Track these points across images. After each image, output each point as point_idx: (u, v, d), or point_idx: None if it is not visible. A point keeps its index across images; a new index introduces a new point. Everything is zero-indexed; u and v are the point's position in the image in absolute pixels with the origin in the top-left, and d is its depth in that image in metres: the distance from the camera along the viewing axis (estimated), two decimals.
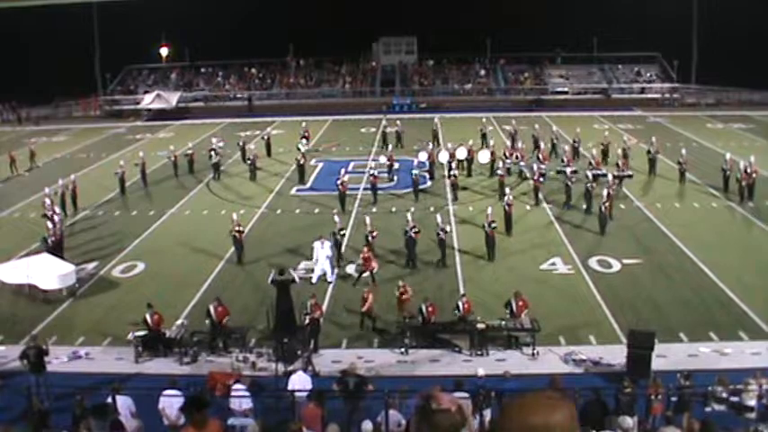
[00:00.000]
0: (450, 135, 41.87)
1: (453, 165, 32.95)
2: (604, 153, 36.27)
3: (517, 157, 34.86)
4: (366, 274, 22.10)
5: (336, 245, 23.61)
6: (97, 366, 17.42)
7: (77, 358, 17.89)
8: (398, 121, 44.58)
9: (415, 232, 23.44)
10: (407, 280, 21.81)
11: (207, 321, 18.21)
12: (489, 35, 67.08)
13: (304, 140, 38.94)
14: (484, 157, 35.16)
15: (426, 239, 24.11)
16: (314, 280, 22.18)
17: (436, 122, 43.80)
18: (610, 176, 29.52)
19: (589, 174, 29.77)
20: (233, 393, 14.66)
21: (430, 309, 18.30)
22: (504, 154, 34.75)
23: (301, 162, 35.27)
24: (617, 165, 31.69)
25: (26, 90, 58.09)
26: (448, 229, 24.19)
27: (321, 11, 67.03)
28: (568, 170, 30.68)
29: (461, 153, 34.53)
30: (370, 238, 23.46)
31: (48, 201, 27.48)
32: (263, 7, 68.02)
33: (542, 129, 41.65)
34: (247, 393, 14.75)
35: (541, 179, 30.39)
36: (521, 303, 18.23)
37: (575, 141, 37.56)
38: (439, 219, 24.68)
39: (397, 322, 18.79)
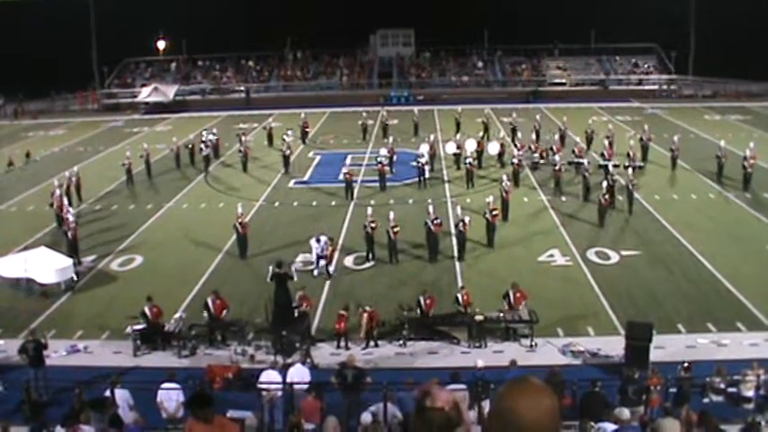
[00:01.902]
0: (448, 128, 41.75)
1: (468, 153, 32.86)
2: (589, 141, 36.83)
3: (531, 149, 34.77)
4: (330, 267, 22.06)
5: (368, 237, 23.10)
6: (96, 360, 17.42)
7: (76, 352, 17.87)
8: (384, 112, 44.80)
9: (437, 224, 22.96)
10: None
11: (205, 315, 18.23)
12: (487, 27, 66.96)
13: (290, 131, 39.19)
14: (493, 148, 35.15)
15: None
16: (315, 273, 22.18)
17: (416, 114, 44.44)
18: (630, 170, 29.18)
19: (610, 166, 29.75)
20: (262, 380, 14.55)
21: (428, 301, 18.30)
22: (515, 145, 34.80)
23: (287, 153, 35.34)
24: (627, 155, 31.58)
25: (23, 84, 57.88)
26: (467, 219, 23.06)
27: (319, 3, 66.87)
28: (585, 161, 30.72)
29: (471, 145, 34.44)
30: (392, 234, 22.69)
31: (57, 191, 27.54)
32: (261, 0, 67.83)
33: (524, 118, 41.94)
34: (279, 378, 14.57)
35: (563, 170, 30.41)
36: (518, 295, 18.22)
37: (561, 129, 37.84)
38: (459, 211, 24.16)
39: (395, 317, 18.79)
